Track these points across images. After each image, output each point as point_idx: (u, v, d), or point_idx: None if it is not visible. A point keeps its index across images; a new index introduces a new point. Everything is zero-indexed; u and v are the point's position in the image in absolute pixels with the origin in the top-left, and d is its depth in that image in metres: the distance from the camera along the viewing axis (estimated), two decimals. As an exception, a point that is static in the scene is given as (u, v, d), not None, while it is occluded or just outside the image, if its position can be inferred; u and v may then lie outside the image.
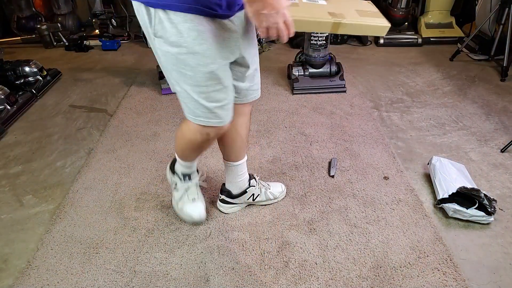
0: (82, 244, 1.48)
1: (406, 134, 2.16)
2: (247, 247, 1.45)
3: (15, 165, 1.97)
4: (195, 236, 1.51)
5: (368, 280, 1.32)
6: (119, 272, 1.37)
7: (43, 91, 2.73)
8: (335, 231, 1.52)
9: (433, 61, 3.15)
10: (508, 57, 2.77)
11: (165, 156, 1.99)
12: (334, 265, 1.38)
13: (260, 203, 1.63)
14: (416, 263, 1.38)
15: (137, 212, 1.63)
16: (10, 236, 1.54)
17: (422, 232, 1.50)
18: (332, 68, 2.69)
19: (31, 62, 2.76)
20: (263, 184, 1.62)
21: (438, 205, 1.60)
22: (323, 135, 2.14)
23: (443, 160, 1.75)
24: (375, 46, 3.54)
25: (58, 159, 2.01)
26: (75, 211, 1.65)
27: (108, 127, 2.28)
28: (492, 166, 1.88)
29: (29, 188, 1.81)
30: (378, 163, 1.91)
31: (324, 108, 2.43)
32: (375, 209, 1.62)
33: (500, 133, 2.15)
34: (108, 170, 1.90)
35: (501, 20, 2.84)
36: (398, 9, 3.44)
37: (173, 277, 1.35)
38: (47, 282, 1.34)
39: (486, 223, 1.53)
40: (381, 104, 2.49)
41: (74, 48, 3.59)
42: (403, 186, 1.75)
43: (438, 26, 3.55)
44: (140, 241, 1.49)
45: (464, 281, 1.31)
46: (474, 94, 2.59)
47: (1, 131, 2.23)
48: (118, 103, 2.57)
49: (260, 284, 1.31)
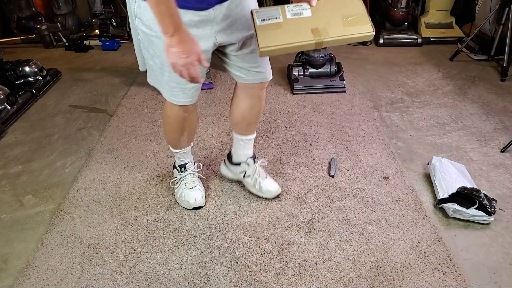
0: (82, 244, 1.48)
1: (406, 134, 2.16)
2: (247, 247, 1.45)
3: (15, 165, 1.97)
4: (195, 236, 1.51)
5: (368, 280, 1.32)
6: (119, 272, 1.37)
7: (43, 91, 2.73)
8: (335, 231, 1.52)
9: (433, 61, 3.15)
10: (508, 57, 2.77)
11: (165, 156, 1.99)
12: (334, 265, 1.38)
13: (248, 186, 1.69)
14: (416, 263, 1.38)
15: (137, 212, 1.63)
16: (10, 236, 1.54)
17: (422, 232, 1.50)
18: (332, 68, 2.69)
19: (31, 62, 2.76)
20: (260, 171, 1.67)
21: (438, 205, 1.60)
22: (323, 135, 2.14)
23: (443, 160, 1.75)
24: (375, 46, 3.54)
25: (58, 159, 2.01)
26: (75, 211, 1.65)
27: (108, 127, 2.28)
28: (492, 166, 1.88)
29: (29, 188, 1.81)
30: (378, 163, 1.91)
31: (324, 108, 2.43)
32: (375, 209, 1.62)
33: (500, 133, 2.15)
34: (108, 170, 1.90)
35: (501, 20, 2.84)
36: (398, 9, 3.44)
37: (173, 277, 1.35)
38: (47, 282, 1.34)
39: (486, 223, 1.53)
40: (381, 104, 2.49)
41: (74, 48, 3.59)
42: (403, 186, 1.75)
43: (438, 26, 3.55)
44: (140, 241, 1.49)
45: (464, 281, 1.30)
46: (474, 94, 2.59)
47: (1, 131, 2.23)
48: (118, 103, 2.57)
49: (260, 284, 1.31)
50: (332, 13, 1.19)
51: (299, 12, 1.19)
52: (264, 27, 1.15)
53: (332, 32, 1.15)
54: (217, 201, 1.69)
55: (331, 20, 1.17)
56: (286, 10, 1.18)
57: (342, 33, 1.16)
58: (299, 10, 1.18)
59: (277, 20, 1.16)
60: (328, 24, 1.16)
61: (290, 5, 1.18)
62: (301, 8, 1.18)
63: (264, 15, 1.16)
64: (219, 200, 1.69)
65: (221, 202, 1.68)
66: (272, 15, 1.16)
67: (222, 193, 1.73)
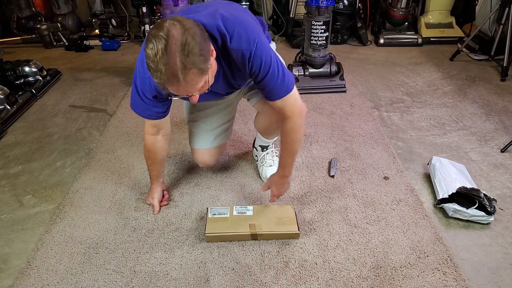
0: (82, 244, 1.48)
1: (406, 134, 2.16)
2: (247, 247, 1.45)
3: (15, 165, 1.97)
4: (195, 236, 1.51)
5: (368, 280, 1.32)
6: (119, 272, 1.37)
7: (43, 91, 2.72)
8: (335, 231, 1.52)
9: (433, 61, 3.15)
10: (508, 57, 2.77)
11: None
12: (334, 265, 1.38)
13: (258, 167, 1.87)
14: (416, 263, 1.38)
15: (137, 212, 1.63)
16: (10, 236, 1.54)
17: (422, 232, 1.50)
18: (332, 68, 2.69)
19: (31, 62, 2.76)
20: (267, 160, 1.81)
21: (438, 205, 1.60)
22: (323, 135, 2.14)
23: (442, 160, 1.75)
24: (375, 46, 3.54)
25: (58, 159, 2.01)
26: (75, 211, 1.65)
27: (108, 127, 2.28)
28: (492, 166, 1.88)
29: (29, 188, 1.81)
30: (378, 163, 1.91)
31: (324, 108, 2.43)
32: (375, 209, 1.62)
33: (500, 133, 2.15)
34: (108, 170, 1.90)
35: (501, 20, 2.84)
36: (398, 9, 3.44)
37: (173, 277, 1.35)
38: (47, 282, 1.34)
39: (486, 223, 1.53)
40: (381, 104, 2.49)
41: (74, 48, 3.59)
42: (403, 186, 1.75)
43: (438, 26, 3.55)
44: (140, 241, 1.49)
45: (464, 281, 1.30)
46: (474, 94, 2.59)
47: (1, 131, 2.23)
48: (118, 103, 2.57)
49: (260, 284, 1.31)
50: (269, 215, 1.52)
51: (243, 212, 1.53)
52: (213, 219, 1.50)
53: (265, 228, 1.46)
54: (217, 201, 1.69)
55: (267, 220, 1.50)
56: (234, 209, 1.54)
57: (273, 230, 1.46)
58: (243, 210, 1.54)
59: (225, 216, 1.52)
60: (264, 222, 1.48)
61: (238, 206, 1.55)
62: (245, 209, 1.55)
63: (215, 211, 1.53)
64: (219, 200, 1.69)
65: (221, 202, 1.68)
66: (222, 212, 1.53)
67: (222, 193, 1.73)
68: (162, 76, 0.98)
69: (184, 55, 0.96)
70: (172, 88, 1.03)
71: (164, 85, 1.02)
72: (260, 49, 1.18)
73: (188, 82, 1.01)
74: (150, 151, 1.54)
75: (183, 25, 0.98)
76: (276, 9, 3.65)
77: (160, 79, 0.99)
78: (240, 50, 1.16)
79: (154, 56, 0.96)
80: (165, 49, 0.95)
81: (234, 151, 2.01)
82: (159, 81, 1.00)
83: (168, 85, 1.01)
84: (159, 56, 0.95)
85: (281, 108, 1.32)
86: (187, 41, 0.96)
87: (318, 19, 2.48)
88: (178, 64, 0.96)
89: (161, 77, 0.98)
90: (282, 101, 1.29)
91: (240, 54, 1.16)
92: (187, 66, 0.97)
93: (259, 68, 1.20)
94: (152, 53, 0.96)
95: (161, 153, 1.56)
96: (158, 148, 1.53)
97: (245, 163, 1.92)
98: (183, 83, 1.01)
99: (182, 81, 0.99)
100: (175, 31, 0.96)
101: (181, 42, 0.96)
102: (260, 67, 1.20)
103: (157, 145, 1.52)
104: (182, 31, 0.96)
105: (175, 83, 1.00)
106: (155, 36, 0.96)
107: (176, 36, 0.95)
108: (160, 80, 1.00)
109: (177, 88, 1.02)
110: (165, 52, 0.95)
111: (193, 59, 0.98)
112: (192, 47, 0.97)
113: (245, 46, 1.15)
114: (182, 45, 0.96)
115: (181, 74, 0.98)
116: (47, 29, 3.57)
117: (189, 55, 0.97)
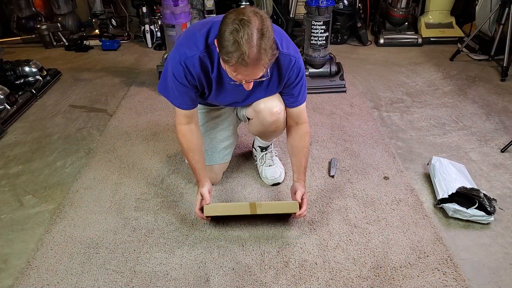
0: (82, 244, 1.48)
1: (406, 134, 2.16)
2: (247, 247, 1.45)
3: (15, 165, 1.97)
4: (195, 236, 1.51)
5: (368, 280, 1.32)
6: (119, 272, 1.37)
7: (43, 91, 2.73)
8: (335, 231, 1.52)
9: (433, 61, 3.15)
10: (508, 57, 2.77)
11: (165, 156, 1.99)
12: (334, 265, 1.38)
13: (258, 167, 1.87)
14: (416, 263, 1.38)
15: (137, 212, 1.63)
16: (10, 236, 1.54)
17: (422, 232, 1.50)
18: (332, 68, 2.69)
19: (31, 62, 2.76)
20: (266, 160, 1.81)
21: (438, 205, 1.60)
22: (323, 135, 2.14)
23: (442, 160, 1.75)
24: (375, 46, 3.54)
25: (58, 159, 2.01)
26: (75, 211, 1.65)
27: (108, 127, 2.28)
28: (492, 166, 1.88)
29: (29, 188, 1.81)
30: (378, 163, 1.91)
31: (324, 108, 2.43)
32: (375, 209, 1.62)
33: (500, 133, 2.15)
34: (108, 170, 1.90)
35: (501, 20, 2.84)
36: (398, 9, 3.44)
37: (173, 277, 1.35)
38: (47, 282, 1.34)
39: (486, 223, 1.53)
40: (381, 104, 2.49)
41: (74, 48, 3.59)
42: (403, 186, 1.75)
43: (438, 26, 3.55)
44: (140, 241, 1.49)
45: (464, 281, 1.30)
46: (474, 94, 2.59)
47: (1, 131, 2.23)
48: (118, 103, 2.57)
49: (260, 284, 1.31)
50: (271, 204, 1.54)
51: None
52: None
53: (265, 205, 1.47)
54: (217, 201, 1.69)
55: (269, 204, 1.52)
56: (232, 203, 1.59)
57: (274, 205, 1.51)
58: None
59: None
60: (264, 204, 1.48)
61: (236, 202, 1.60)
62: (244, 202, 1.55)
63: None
64: (219, 200, 1.69)
65: (221, 202, 1.68)
66: None
67: (222, 193, 1.73)
68: (244, 57, 1.05)
69: (265, 40, 1.07)
70: (243, 71, 1.11)
71: (239, 66, 1.09)
72: (300, 58, 1.35)
73: (261, 66, 1.11)
74: (189, 140, 1.48)
75: (261, 14, 1.09)
76: (276, 9, 3.65)
77: (238, 60, 1.06)
78: (289, 55, 1.30)
79: (240, 38, 1.04)
80: (251, 33, 1.04)
81: (234, 151, 2.01)
82: (236, 62, 1.07)
83: (243, 66, 1.08)
84: (245, 38, 1.04)
85: (299, 113, 1.49)
86: (268, 29, 1.08)
87: (318, 19, 2.48)
88: (261, 47, 1.06)
89: (242, 57, 1.05)
90: (303, 107, 1.48)
91: (288, 59, 1.31)
92: (266, 50, 1.08)
93: (297, 74, 1.36)
94: (238, 35, 1.04)
95: (199, 140, 1.51)
96: (196, 136, 1.49)
97: (245, 163, 1.92)
98: (257, 66, 1.10)
99: (259, 63, 1.09)
100: (257, 19, 1.06)
101: (262, 28, 1.06)
102: (298, 74, 1.36)
103: (194, 133, 1.49)
104: (261, 19, 1.08)
105: (250, 65, 1.08)
106: (239, 20, 1.05)
107: (258, 23, 1.06)
108: (236, 61, 1.07)
109: (251, 71, 1.11)
110: (251, 35, 1.04)
111: (271, 44, 1.09)
112: (270, 34, 1.09)
113: (293, 53, 1.31)
114: (263, 31, 1.06)
115: (261, 57, 1.07)
116: (47, 29, 3.57)
117: (269, 41, 1.08)
